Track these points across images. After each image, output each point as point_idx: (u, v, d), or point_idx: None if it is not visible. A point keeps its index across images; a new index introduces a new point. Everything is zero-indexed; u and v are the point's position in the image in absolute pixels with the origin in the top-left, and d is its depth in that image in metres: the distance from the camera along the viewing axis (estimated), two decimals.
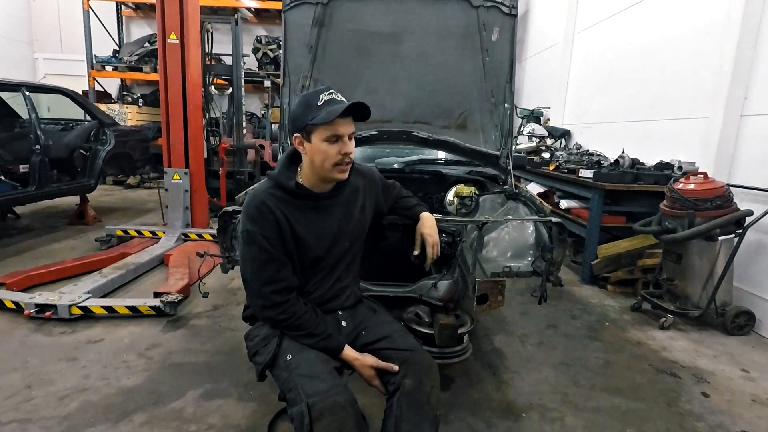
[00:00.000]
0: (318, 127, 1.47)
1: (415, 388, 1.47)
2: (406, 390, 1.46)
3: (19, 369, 2.49)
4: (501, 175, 2.99)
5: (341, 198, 1.64)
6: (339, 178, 1.55)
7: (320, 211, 1.59)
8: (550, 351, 2.90)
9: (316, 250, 1.59)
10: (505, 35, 2.90)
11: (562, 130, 6.32)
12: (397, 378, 1.50)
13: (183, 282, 3.55)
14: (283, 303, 1.52)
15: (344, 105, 1.46)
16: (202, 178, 5.03)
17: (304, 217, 1.56)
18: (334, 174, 1.52)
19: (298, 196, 1.56)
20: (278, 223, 1.51)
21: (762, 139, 3.32)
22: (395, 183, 1.98)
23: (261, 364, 1.55)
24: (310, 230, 1.56)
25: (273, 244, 1.51)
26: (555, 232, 2.04)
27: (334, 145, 1.48)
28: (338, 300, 1.69)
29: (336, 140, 1.48)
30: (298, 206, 1.56)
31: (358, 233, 1.71)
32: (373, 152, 3.67)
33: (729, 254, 3.14)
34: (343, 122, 1.48)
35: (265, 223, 1.51)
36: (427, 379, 1.50)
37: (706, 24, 3.87)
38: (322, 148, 1.48)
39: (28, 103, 4.74)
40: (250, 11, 10.40)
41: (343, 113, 1.45)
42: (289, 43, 3.01)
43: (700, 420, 2.25)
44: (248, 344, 1.66)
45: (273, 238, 1.51)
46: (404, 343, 1.60)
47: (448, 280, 2.31)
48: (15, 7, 10.65)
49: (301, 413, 1.32)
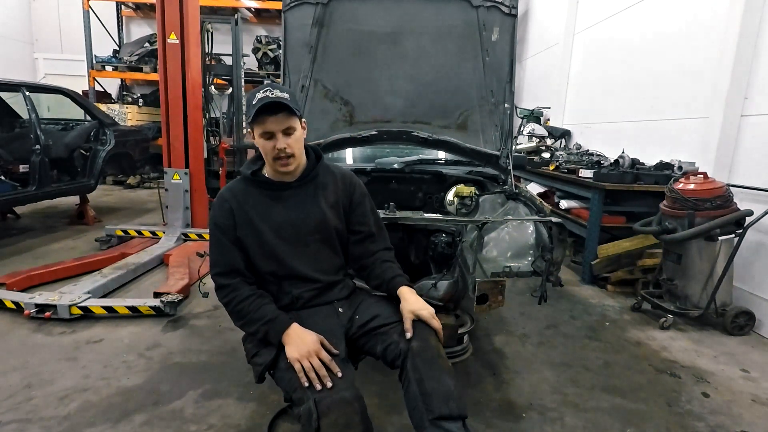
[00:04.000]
0: (254, 125, 1.59)
1: (423, 347, 1.51)
2: (415, 351, 1.50)
3: (19, 369, 2.49)
4: (501, 175, 2.99)
5: (303, 190, 1.70)
6: (283, 171, 1.63)
7: (280, 201, 1.67)
8: (550, 351, 2.89)
9: (277, 239, 1.64)
10: (505, 35, 2.90)
11: (562, 130, 6.31)
12: (401, 346, 1.52)
13: (183, 282, 3.54)
14: (226, 287, 1.60)
15: (260, 104, 1.52)
16: (202, 178, 5.03)
17: (262, 204, 1.66)
18: (277, 167, 1.62)
19: (255, 184, 1.68)
20: (231, 210, 1.64)
21: (762, 139, 3.32)
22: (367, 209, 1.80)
23: (261, 365, 1.55)
24: (265, 217, 1.64)
25: (223, 230, 1.63)
26: (555, 232, 2.04)
27: (269, 141, 1.58)
28: (332, 292, 1.73)
29: (269, 137, 1.58)
30: (257, 195, 1.67)
31: (326, 225, 1.70)
32: (373, 152, 3.67)
33: (729, 254, 3.14)
34: (272, 119, 1.55)
35: (221, 211, 1.65)
36: (430, 336, 1.55)
37: (707, 23, 3.87)
38: (261, 143, 1.61)
39: (28, 103, 4.74)
40: (250, 11, 10.40)
41: (273, 111, 1.53)
42: (289, 43, 3.01)
43: (700, 420, 2.25)
44: (246, 346, 1.67)
45: (224, 224, 1.63)
46: (398, 314, 1.62)
47: (448, 280, 2.32)
48: (15, 7, 10.65)
49: (309, 410, 1.32)
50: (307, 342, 1.48)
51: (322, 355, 1.45)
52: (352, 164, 3.58)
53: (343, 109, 3.00)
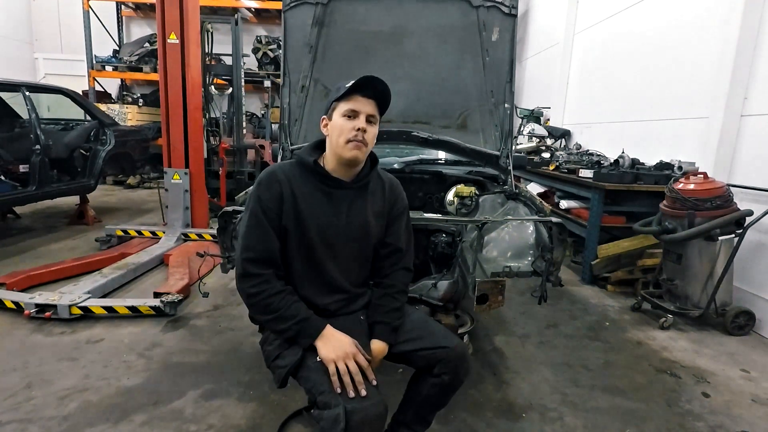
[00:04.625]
0: (339, 103, 1.52)
1: (452, 380, 1.54)
2: (445, 383, 1.54)
3: (19, 369, 2.49)
4: (501, 175, 3.00)
5: (355, 193, 1.60)
6: (350, 156, 1.51)
7: (332, 199, 1.56)
8: (550, 351, 2.89)
9: (319, 240, 1.54)
10: (505, 35, 2.90)
11: (562, 130, 6.32)
12: (435, 370, 1.54)
13: (183, 282, 3.54)
14: (256, 276, 1.46)
15: (362, 78, 1.48)
16: (202, 178, 5.03)
17: (313, 197, 1.54)
18: (346, 152, 1.50)
19: (314, 173, 1.56)
20: (282, 194, 1.51)
21: (762, 139, 3.32)
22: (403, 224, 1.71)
23: (285, 367, 1.45)
24: (313, 212, 1.53)
25: (267, 213, 1.49)
26: (555, 232, 2.05)
27: (350, 120, 1.50)
28: (356, 303, 1.65)
29: (352, 116, 1.50)
30: (310, 186, 1.55)
31: (367, 236, 1.62)
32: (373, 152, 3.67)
33: (729, 254, 3.14)
34: (362, 100, 1.51)
35: (269, 191, 1.51)
36: (462, 369, 1.56)
37: (707, 23, 3.87)
38: (339, 123, 1.51)
39: (28, 103, 4.73)
40: (250, 11, 10.40)
41: (365, 93, 1.50)
42: (289, 43, 3.01)
43: (700, 420, 2.25)
44: (266, 349, 1.56)
45: (270, 208, 1.49)
46: (438, 340, 1.56)
47: (448, 280, 2.32)
48: (15, 7, 10.65)
49: (336, 417, 1.25)
50: (344, 344, 1.41)
51: (359, 358, 1.39)
52: None
53: None
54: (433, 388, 1.56)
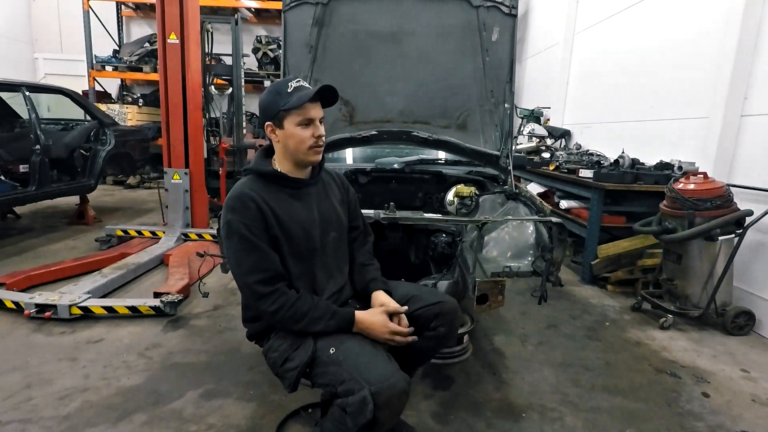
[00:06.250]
0: (290, 113, 1.54)
1: (448, 331, 1.69)
2: (441, 335, 1.68)
3: (19, 369, 2.49)
4: (501, 175, 2.99)
5: (318, 186, 1.70)
6: (314, 161, 1.62)
7: (300, 198, 1.64)
8: (550, 351, 2.89)
9: (305, 238, 1.60)
10: (505, 35, 2.90)
11: (562, 130, 6.31)
12: (432, 324, 1.67)
13: (183, 282, 3.54)
14: (271, 293, 1.49)
15: (313, 90, 1.55)
16: (202, 178, 5.03)
17: (285, 203, 1.59)
18: (309, 157, 1.59)
19: (277, 181, 1.61)
20: (260, 209, 1.52)
21: (762, 139, 3.31)
22: (358, 206, 1.91)
23: (297, 368, 1.47)
24: (293, 217, 1.58)
25: (254, 232, 1.50)
26: (555, 232, 2.05)
27: (307, 128, 1.56)
28: (345, 292, 1.75)
29: (308, 124, 1.56)
30: (278, 193, 1.60)
31: (341, 223, 1.76)
32: (373, 152, 3.67)
33: (729, 254, 3.13)
34: (312, 106, 1.56)
35: (246, 211, 1.51)
36: (456, 321, 1.72)
37: (707, 23, 3.87)
38: (296, 132, 1.55)
39: (28, 103, 4.73)
40: (250, 11, 10.39)
41: (313, 98, 1.54)
42: (289, 43, 3.01)
43: (700, 420, 2.25)
44: (272, 356, 1.57)
45: (254, 225, 1.50)
46: (431, 297, 1.72)
47: (448, 280, 2.32)
48: (15, 7, 10.64)
49: (363, 400, 1.29)
50: (377, 323, 1.55)
51: (393, 326, 1.57)
52: (352, 164, 3.58)
53: (343, 109, 3.01)
54: (429, 341, 1.68)
